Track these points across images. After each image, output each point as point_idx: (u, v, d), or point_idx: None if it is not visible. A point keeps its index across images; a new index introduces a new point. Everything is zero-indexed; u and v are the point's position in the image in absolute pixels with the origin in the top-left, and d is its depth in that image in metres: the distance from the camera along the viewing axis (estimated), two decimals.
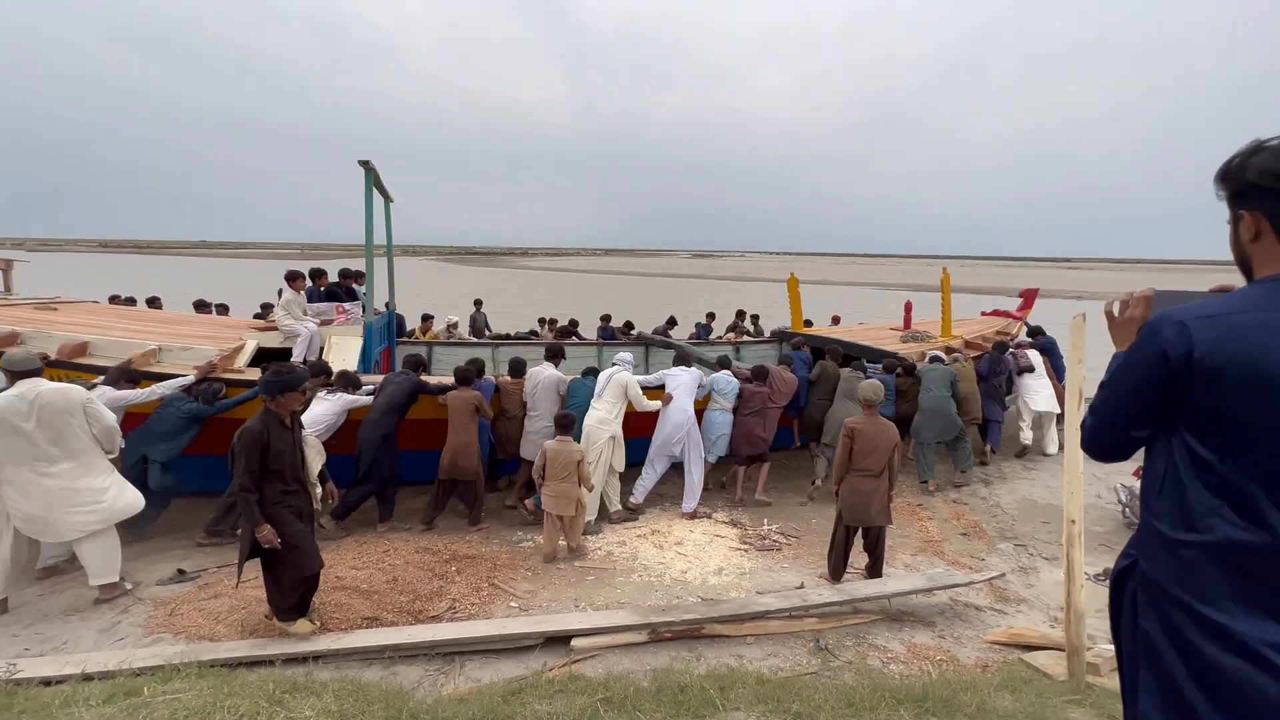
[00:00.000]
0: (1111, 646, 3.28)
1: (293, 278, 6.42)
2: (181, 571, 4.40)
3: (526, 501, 5.63)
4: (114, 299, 9.30)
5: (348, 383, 5.35)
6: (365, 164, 6.16)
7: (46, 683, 2.74)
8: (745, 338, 10.61)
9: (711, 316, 11.67)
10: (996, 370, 7.54)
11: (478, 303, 12.06)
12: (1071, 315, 2.98)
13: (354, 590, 3.99)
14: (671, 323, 11.50)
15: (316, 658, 3.23)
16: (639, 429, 5.89)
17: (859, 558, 4.57)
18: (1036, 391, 7.62)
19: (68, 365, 5.00)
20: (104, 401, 4.17)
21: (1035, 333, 8.88)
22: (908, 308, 9.97)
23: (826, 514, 5.90)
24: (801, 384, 6.78)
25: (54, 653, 3.36)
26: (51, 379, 3.93)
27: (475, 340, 10.00)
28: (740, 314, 11.69)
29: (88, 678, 2.70)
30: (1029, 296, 10.60)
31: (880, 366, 7.29)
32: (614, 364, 5.86)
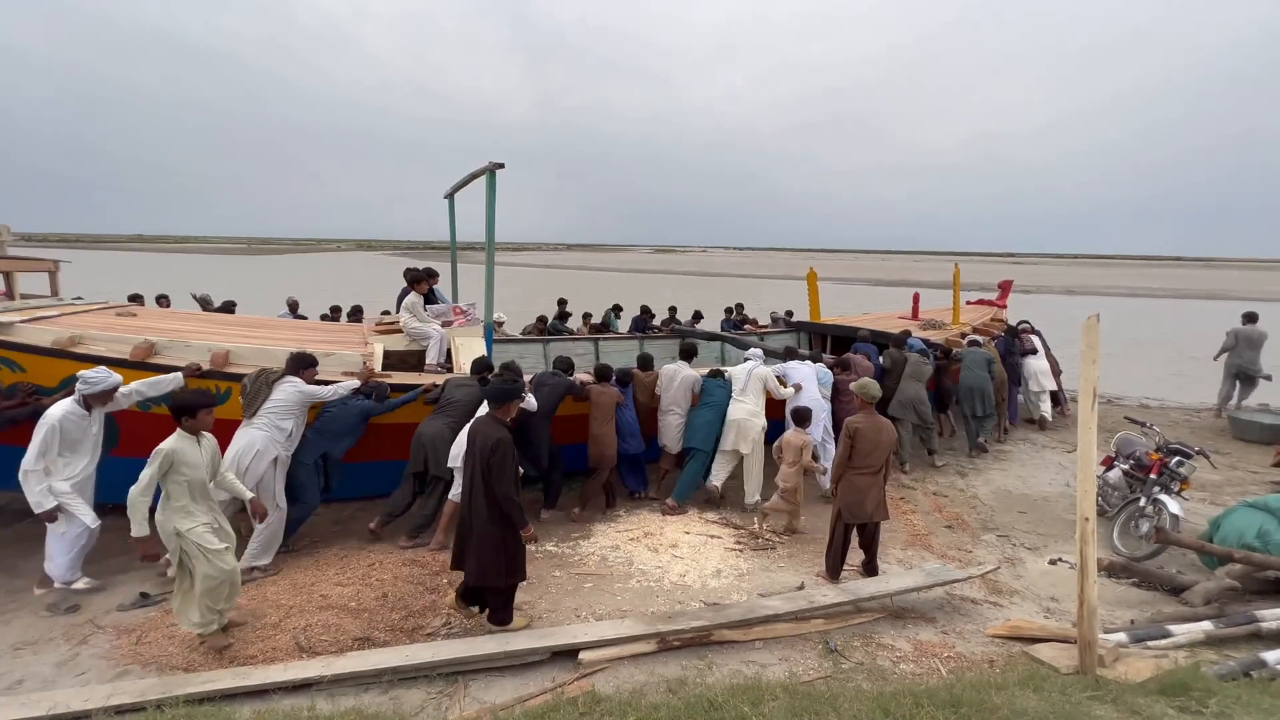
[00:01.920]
0: (1112, 636, 3.41)
1: (416, 280, 6.25)
2: (145, 595, 4.07)
3: (668, 500, 5.83)
4: (134, 298, 8.71)
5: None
6: (497, 166, 5.84)
7: None
8: (767, 327, 10.93)
9: (740, 308, 11.74)
10: (1011, 352, 8.64)
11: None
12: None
13: (342, 609, 3.76)
14: (698, 316, 11.52)
15: (309, 685, 3.02)
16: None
17: (853, 554, 4.60)
18: (1038, 370, 8.87)
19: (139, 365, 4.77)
20: (299, 393, 4.60)
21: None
22: (915, 298, 11.00)
23: (815, 511, 5.93)
24: (875, 370, 7.22)
25: (8, 692, 3.03)
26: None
27: (527, 337, 9.43)
28: (739, 307, 11.84)
29: None
30: (1005, 287, 11.95)
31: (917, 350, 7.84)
32: (746, 359, 6.29)
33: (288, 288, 23.00)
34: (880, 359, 7.43)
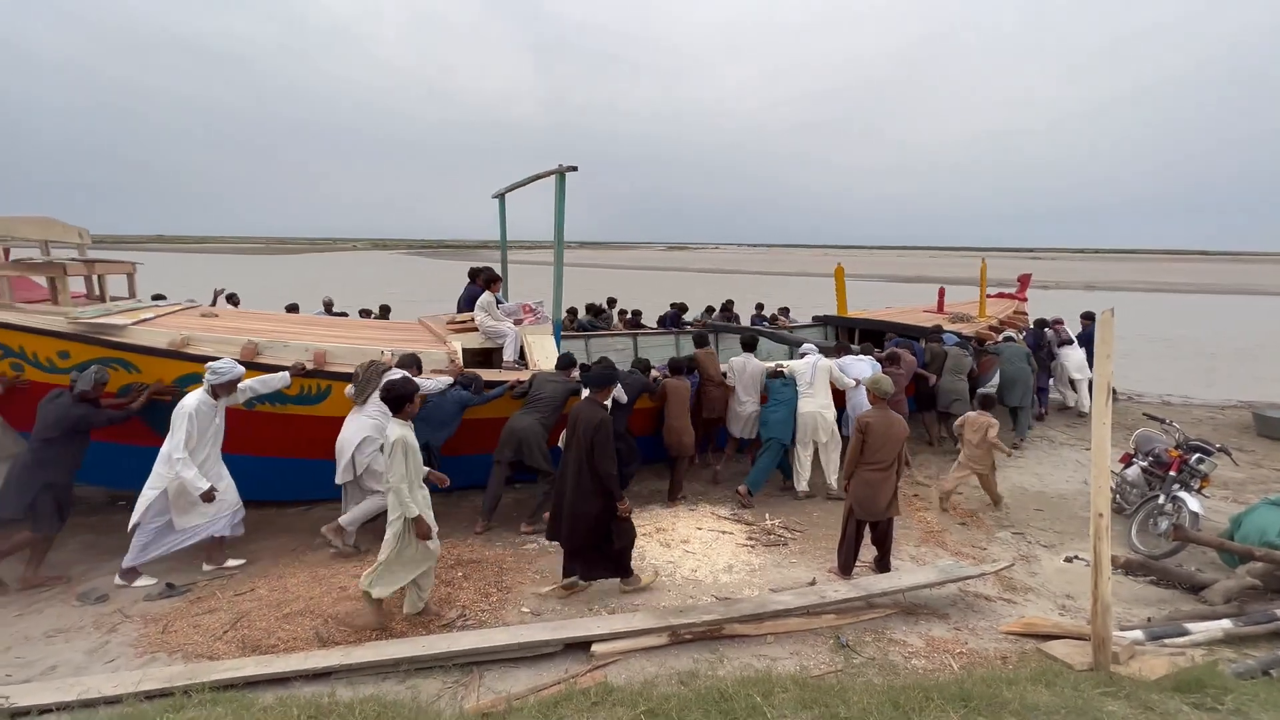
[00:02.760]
0: (1128, 634, 3.38)
1: (490, 280, 6.49)
2: (171, 585, 4.19)
3: (740, 487, 6.03)
4: (157, 298, 9.01)
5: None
6: (570, 168, 5.95)
7: (46, 711, 2.56)
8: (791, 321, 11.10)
9: (761, 307, 11.77)
10: (1040, 344, 8.96)
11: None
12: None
13: (359, 600, 3.84)
14: (727, 308, 11.60)
15: (329, 674, 3.09)
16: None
17: (864, 551, 4.59)
18: (1071, 360, 9.15)
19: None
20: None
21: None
22: (940, 293, 11.36)
23: (826, 507, 5.93)
24: (919, 364, 7.51)
25: (42, 678, 3.15)
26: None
27: (567, 334, 9.55)
28: (729, 304, 11.77)
29: (90, 705, 2.52)
30: (1024, 280, 12.22)
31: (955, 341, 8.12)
32: (802, 354, 6.59)
33: (313, 287, 23.33)
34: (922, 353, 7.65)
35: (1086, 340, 9.23)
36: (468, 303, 7.01)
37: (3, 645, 3.51)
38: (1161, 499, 5.04)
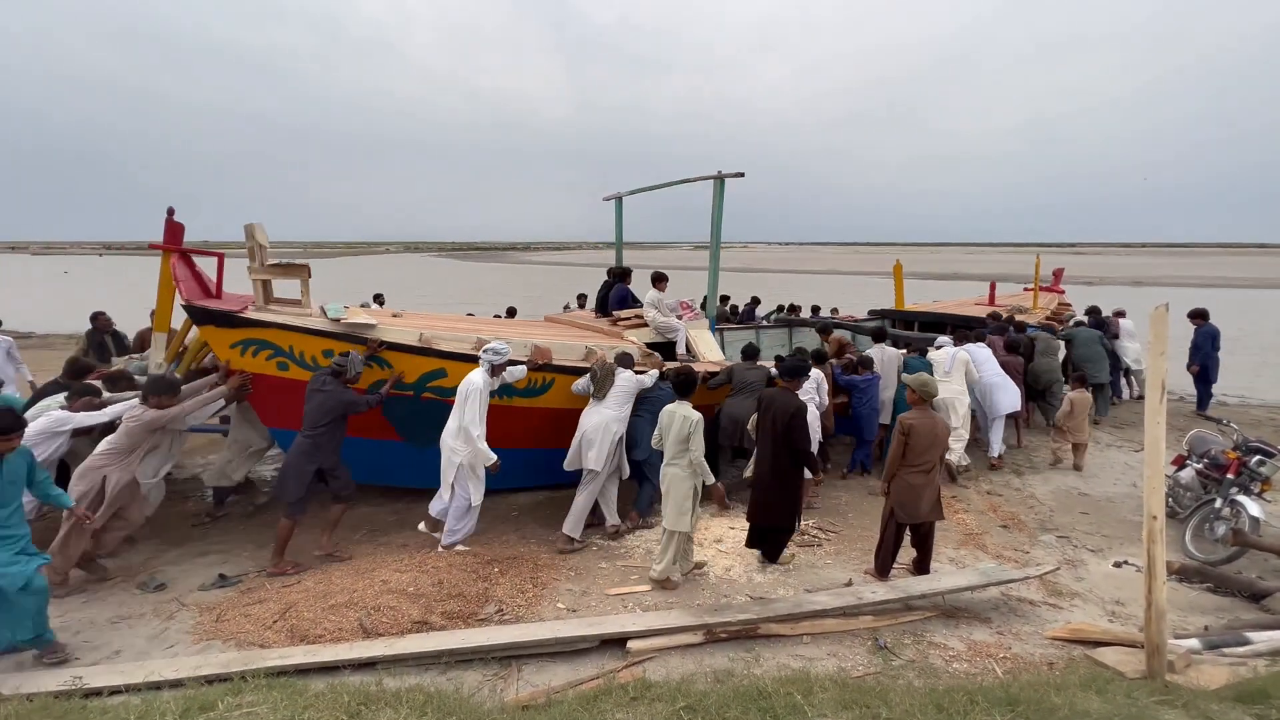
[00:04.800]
0: (1184, 642, 3.24)
1: (658, 278, 6.87)
2: (223, 576, 4.37)
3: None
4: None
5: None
6: (736, 174, 6.53)
7: (116, 693, 2.70)
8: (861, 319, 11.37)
9: (817, 309, 12.06)
10: (1104, 329, 9.23)
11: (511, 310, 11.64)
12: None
13: (401, 594, 3.94)
14: (756, 301, 12.27)
15: (374, 663, 3.19)
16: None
17: (903, 553, 4.51)
18: (1129, 351, 9.61)
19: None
20: (634, 380, 5.24)
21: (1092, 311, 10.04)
22: (992, 286, 12.16)
23: (862, 509, 5.84)
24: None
25: (107, 661, 3.32)
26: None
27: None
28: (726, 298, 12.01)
29: (155, 687, 2.66)
30: (1058, 275, 13.48)
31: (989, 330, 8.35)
32: (938, 346, 7.13)
33: (354, 289, 23.97)
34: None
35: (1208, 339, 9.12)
36: (617, 302, 7.46)
37: (72, 630, 3.71)
38: (1218, 503, 4.82)
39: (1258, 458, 4.81)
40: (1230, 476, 4.85)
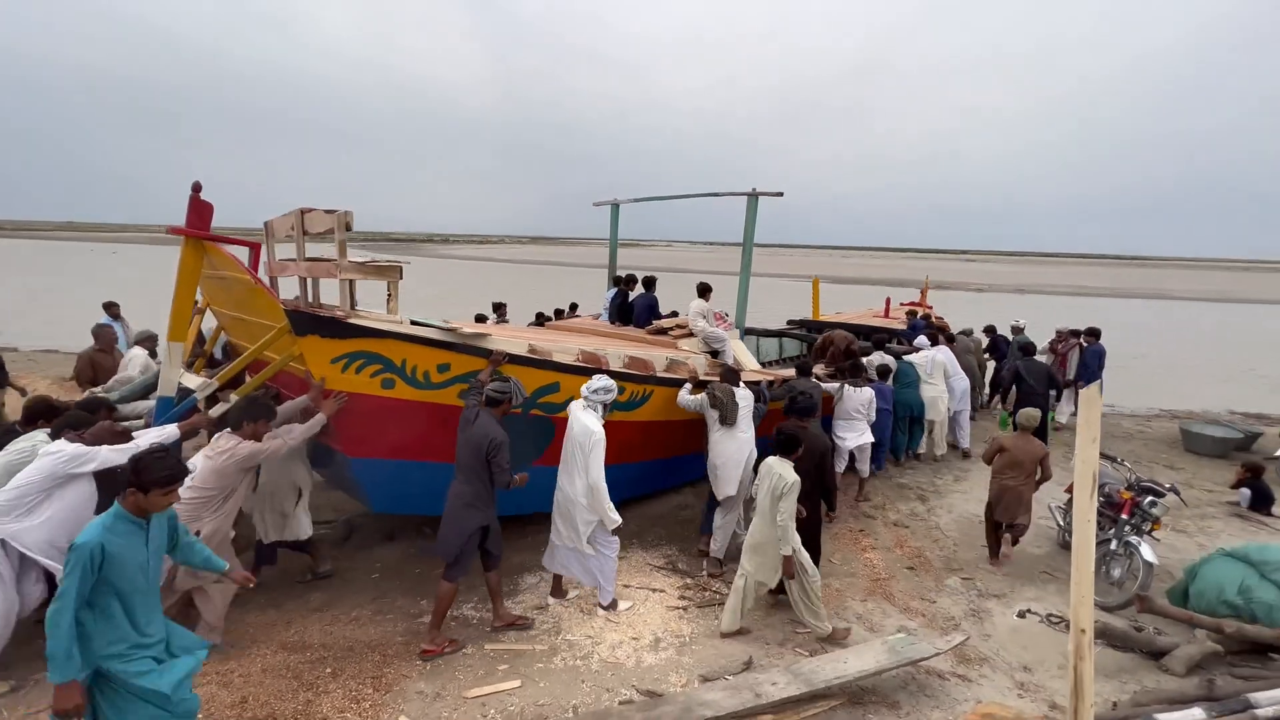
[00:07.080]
0: None
1: (705, 289, 6.67)
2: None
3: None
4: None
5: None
6: (776, 194, 6.66)
7: None
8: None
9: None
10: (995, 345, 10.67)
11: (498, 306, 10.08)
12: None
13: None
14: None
15: None
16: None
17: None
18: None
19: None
20: (751, 399, 5.26)
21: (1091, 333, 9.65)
22: (888, 302, 12.92)
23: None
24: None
25: None
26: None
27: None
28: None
29: None
30: (925, 290, 14.66)
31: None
32: (917, 348, 7.98)
33: None
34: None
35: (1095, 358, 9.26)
36: (645, 310, 7.46)
37: None
38: (1114, 544, 4.75)
39: (1150, 499, 4.78)
40: (1124, 517, 4.80)
